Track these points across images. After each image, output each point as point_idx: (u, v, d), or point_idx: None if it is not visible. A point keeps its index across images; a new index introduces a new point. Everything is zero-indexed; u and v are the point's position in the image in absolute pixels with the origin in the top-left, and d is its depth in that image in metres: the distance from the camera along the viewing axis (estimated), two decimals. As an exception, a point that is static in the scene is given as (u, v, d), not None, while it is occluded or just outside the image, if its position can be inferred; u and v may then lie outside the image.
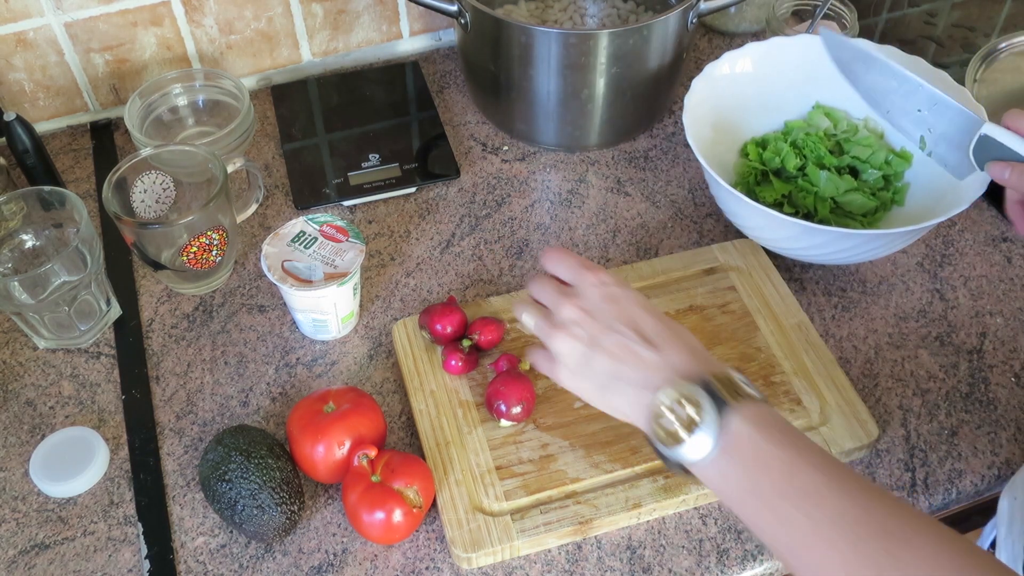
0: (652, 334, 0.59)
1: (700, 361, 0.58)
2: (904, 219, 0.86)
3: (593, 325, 0.60)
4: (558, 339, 0.61)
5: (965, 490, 0.73)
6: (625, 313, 0.60)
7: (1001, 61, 1.03)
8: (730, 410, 0.53)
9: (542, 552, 0.69)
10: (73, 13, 0.94)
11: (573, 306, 0.62)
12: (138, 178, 0.83)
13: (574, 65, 0.89)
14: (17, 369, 0.81)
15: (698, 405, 0.54)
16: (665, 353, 0.58)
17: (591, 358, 0.60)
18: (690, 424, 0.54)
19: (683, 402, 0.54)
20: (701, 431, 0.53)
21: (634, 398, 0.58)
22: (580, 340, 0.60)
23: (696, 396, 0.54)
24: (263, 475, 0.67)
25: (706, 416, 0.53)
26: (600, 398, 0.61)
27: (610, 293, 0.62)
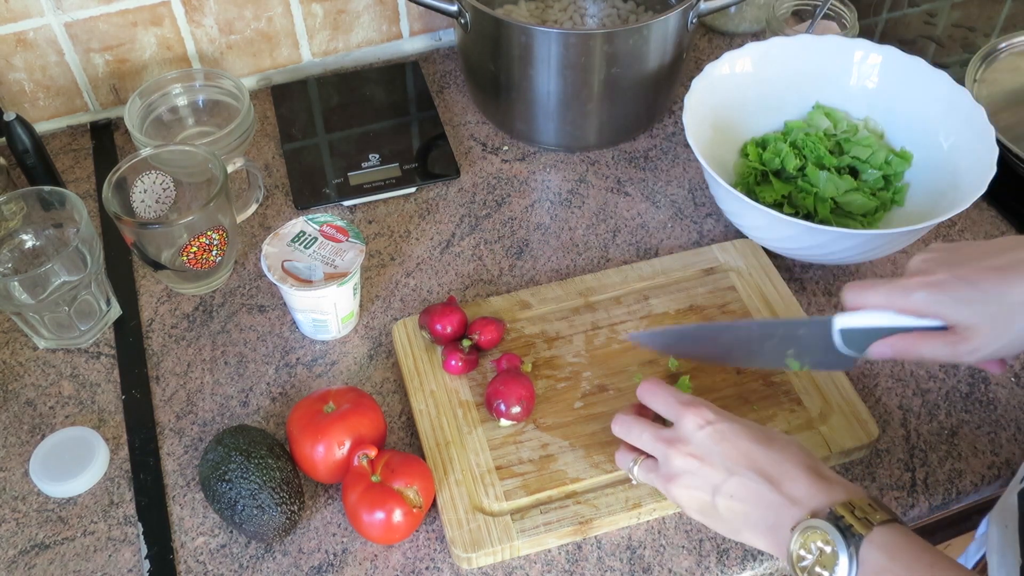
0: (771, 469, 0.59)
1: (824, 488, 0.57)
2: (904, 219, 0.86)
3: (711, 473, 0.60)
4: (677, 489, 0.61)
5: (965, 490, 0.73)
6: (738, 451, 0.60)
7: (1001, 61, 1.03)
8: (863, 541, 0.53)
9: (542, 552, 0.69)
10: (73, 13, 0.94)
11: (684, 455, 0.61)
12: (138, 178, 0.83)
13: (574, 65, 0.89)
14: (17, 369, 0.81)
15: (831, 543, 0.54)
16: (788, 488, 0.58)
17: (716, 505, 0.60)
18: (827, 560, 0.54)
19: (817, 543, 0.55)
20: (837, 568, 0.53)
21: (770, 540, 0.58)
22: (700, 490, 0.60)
23: (828, 535, 0.54)
24: (263, 475, 0.67)
25: (840, 555, 0.53)
26: (735, 536, 0.61)
27: (718, 432, 0.61)
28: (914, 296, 0.60)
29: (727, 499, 0.59)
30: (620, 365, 0.77)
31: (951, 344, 0.60)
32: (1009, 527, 0.63)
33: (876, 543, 0.53)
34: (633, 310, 0.81)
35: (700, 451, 0.61)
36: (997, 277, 0.58)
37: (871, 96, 0.91)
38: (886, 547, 0.53)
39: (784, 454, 0.59)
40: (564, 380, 0.77)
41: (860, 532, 0.54)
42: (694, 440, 0.61)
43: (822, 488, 0.57)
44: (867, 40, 0.90)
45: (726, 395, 0.75)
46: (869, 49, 0.90)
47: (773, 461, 0.59)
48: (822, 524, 0.55)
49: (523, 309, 0.82)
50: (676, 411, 0.63)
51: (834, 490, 0.57)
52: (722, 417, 0.62)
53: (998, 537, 0.64)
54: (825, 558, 0.54)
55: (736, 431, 0.61)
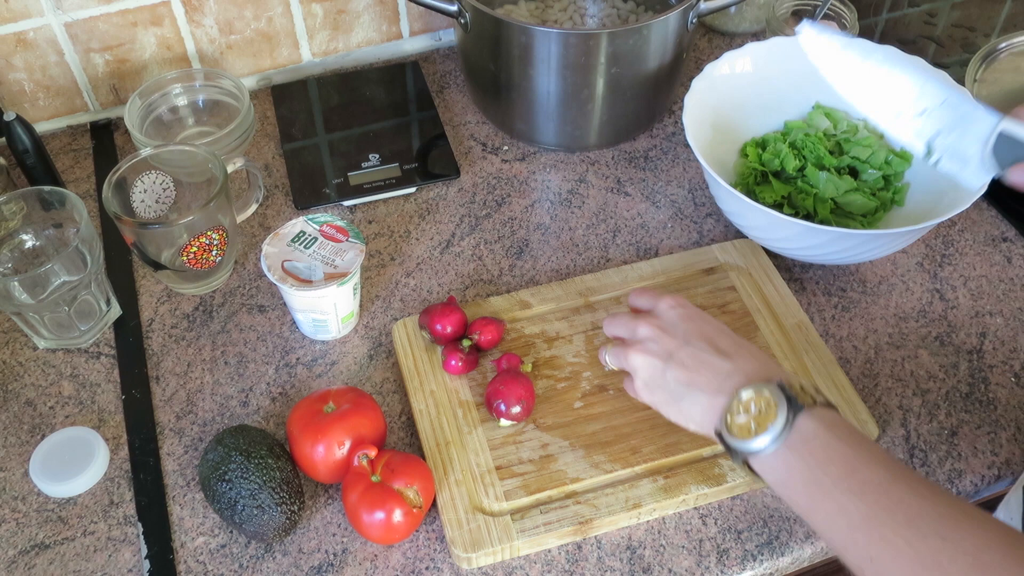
0: (726, 347, 0.62)
1: (773, 369, 0.61)
2: (904, 219, 0.86)
3: (668, 340, 0.64)
4: (634, 354, 0.65)
5: (965, 490, 0.73)
6: (699, 329, 0.64)
7: (1001, 61, 1.03)
8: (802, 410, 0.56)
9: (542, 552, 0.69)
10: (73, 13, 0.94)
11: (649, 324, 0.66)
12: (138, 178, 0.83)
13: (574, 65, 0.89)
14: (17, 369, 0.81)
15: (772, 402, 0.57)
16: (738, 362, 0.61)
17: (665, 370, 0.63)
18: (763, 419, 0.56)
19: (758, 399, 0.57)
20: (773, 426, 0.56)
21: (707, 403, 0.60)
22: (655, 355, 0.64)
23: (771, 394, 0.57)
24: (263, 475, 0.67)
25: (779, 412, 0.56)
26: (674, 408, 0.63)
27: (686, 313, 0.66)
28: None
29: (677, 366, 0.62)
30: (620, 365, 0.77)
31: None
32: (1014, 520, 0.63)
33: (814, 415, 0.56)
34: (633, 310, 0.81)
35: (665, 323, 0.65)
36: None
37: (871, 96, 0.91)
38: (822, 420, 0.55)
39: (743, 343, 0.63)
40: (564, 380, 0.77)
41: (803, 402, 0.56)
42: (664, 316, 0.66)
43: (774, 369, 0.61)
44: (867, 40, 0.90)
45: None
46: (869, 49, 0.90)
47: (731, 343, 0.63)
48: (767, 386, 0.57)
49: (523, 309, 0.82)
50: (655, 299, 0.68)
51: (786, 373, 0.60)
52: (695, 309, 0.67)
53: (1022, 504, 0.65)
54: (761, 417, 0.56)
55: (704, 317, 0.66)
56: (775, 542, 0.69)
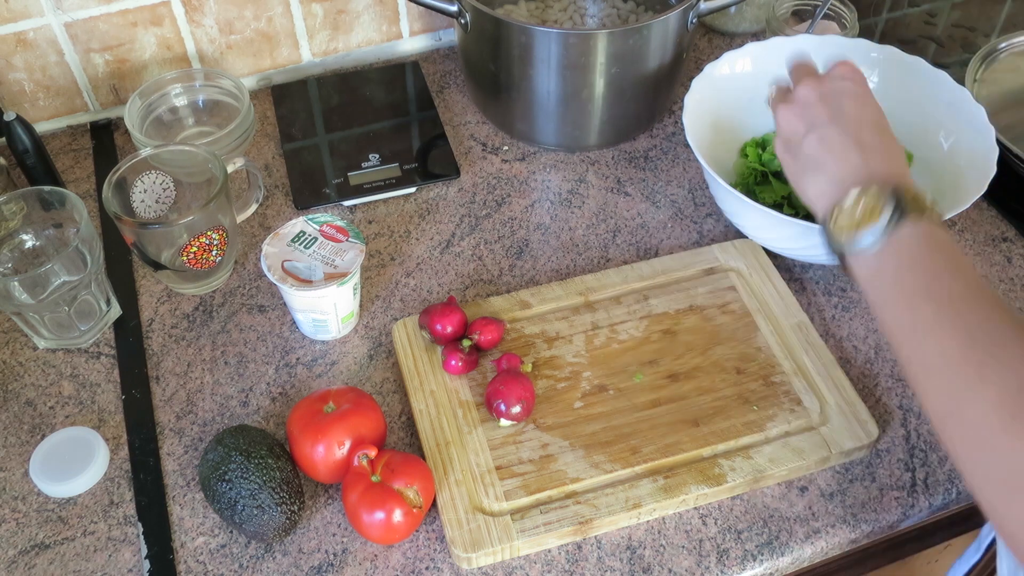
0: (868, 140, 0.62)
1: (899, 174, 0.61)
2: (904, 219, 0.86)
3: (820, 110, 0.64)
4: (783, 112, 0.66)
5: (965, 490, 0.72)
6: (855, 111, 0.64)
7: (1001, 61, 1.03)
8: (907, 220, 0.57)
9: (542, 552, 0.69)
10: (73, 13, 0.94)
11: (811, 88, 0.65)
12: (138, 178, 0.83)
13: (574, 65, 0.89)
14: (17, 369, 0.81)
15: (879, 206, 0.58)
16: (870, 160, 0.61)
17: (804, 140, 0.64)
18: (868, 218, 0.58)
19: (869, 199, 0.58)
20: (873, 227, 0.57)
21: (825, 188, 0.62)
22: (802, 120, 0.65)
23: (882, 201, 0.58)
24: (263, 475, 0.67)
25: (884, 217, 0.57)
26: (797, 177, 0.65)
27: (851, 90, 0.65)
28: None
29: (816, 142, 0.63)
30: (620, 365, 0.77)
31: None
32: None
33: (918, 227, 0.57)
34: (633, 310, 0.81)
35: (828, 92, 0.65)
36: None
37: (871, 96, 0.91)
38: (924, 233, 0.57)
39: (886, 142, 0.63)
40: (564, 380, 0.77)
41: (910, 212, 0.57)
42: (832, 82, 0.66)
43: (901, 173, 0.61)
44: (867, 40, 0.90)
45: (726, 395, 0.75)
46: (869, 49, 0.90)
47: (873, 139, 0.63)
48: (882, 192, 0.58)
49: (523, 309, 0.82)
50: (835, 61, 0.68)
51: (909, 179, 0.61)
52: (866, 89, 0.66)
53: None
54: (866, 216, 0.58)
55: (868, 102, 0.65)
56: (775, 542, 0.69)
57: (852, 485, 0.72)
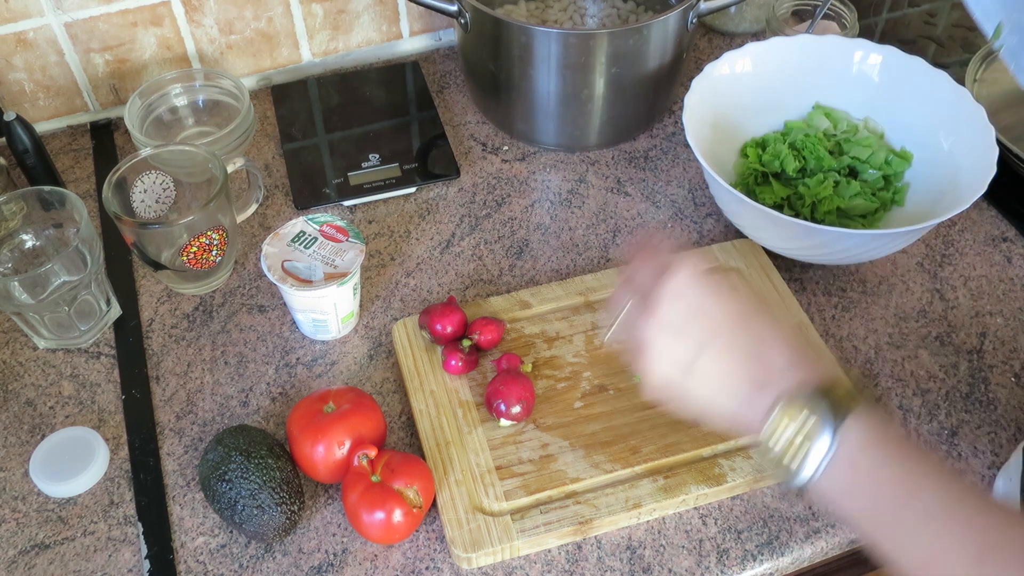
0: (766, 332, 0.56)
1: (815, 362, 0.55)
2: (904, 219, 0.86)
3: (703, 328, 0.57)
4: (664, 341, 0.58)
5: (965, 490, 0.73)
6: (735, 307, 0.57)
7: (1001, 61, 1.03)
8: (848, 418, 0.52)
9: (542, 552, 0.69)
10: (73, 13, 0.94)
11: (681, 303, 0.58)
12: (138, 178, 0.83)
13: (574, 65, 0.89)
14: (17, 369, 0.81)
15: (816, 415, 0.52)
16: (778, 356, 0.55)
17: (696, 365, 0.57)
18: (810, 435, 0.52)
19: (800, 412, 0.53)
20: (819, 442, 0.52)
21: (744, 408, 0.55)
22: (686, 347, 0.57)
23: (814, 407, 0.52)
24: (263, 475, 0.67)
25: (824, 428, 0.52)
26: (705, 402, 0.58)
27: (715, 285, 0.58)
28: None
29: (713, 358, 0.56)
30: (620, 365, 0.77)
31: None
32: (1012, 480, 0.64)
33: (861, 423, 0.52)
34: (633, 310, 0.81)
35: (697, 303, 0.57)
36: None
37: (871, 96, 0.91)
38: (869, 428, 0.52)
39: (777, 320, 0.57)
40: (564, 380, 0.77)
41: (845, 409, 0.52)
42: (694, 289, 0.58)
43: (813, 362, 0.55)
44: (867, 40, 0.90)
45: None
46: (869, 49, 0.90)
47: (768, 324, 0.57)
48: (808, 397, 0.53)
49: (523, 309, 0.82)
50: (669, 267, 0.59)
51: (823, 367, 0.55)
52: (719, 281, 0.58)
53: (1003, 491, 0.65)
54: (809, 429, 0.52)
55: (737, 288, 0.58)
56: (775, 542, 0.69)
57: (852, 485, 0.72)
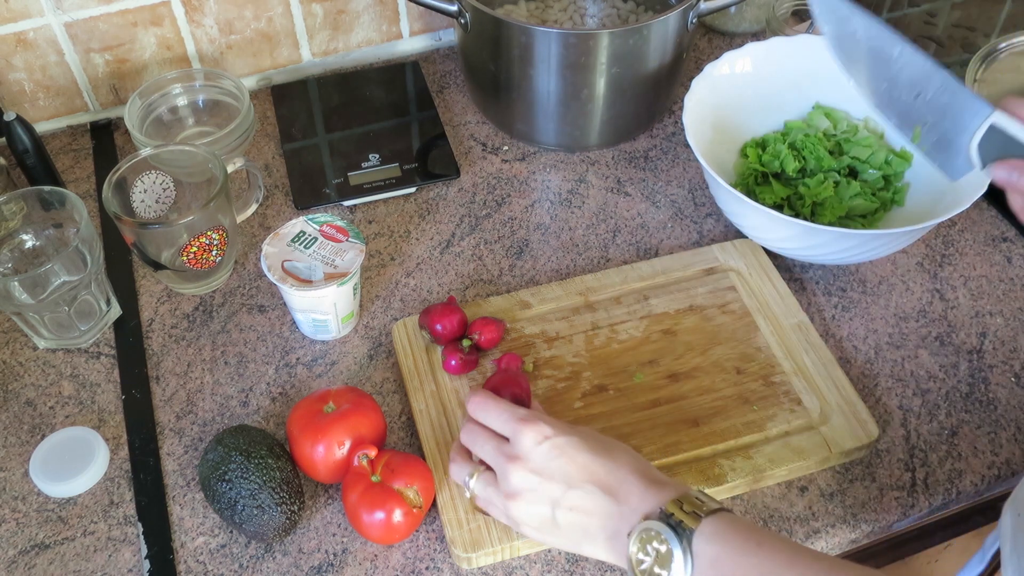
0: (608, 479, 0.60)
1: (655, 491, 0.58)
2: (904, 219, 0.86)
3: (550, 488, 0.60)
4: (518, 507, 0.62)
5: (965, 490, 0.73)
6: (576, 464, 0.60)
7: (1001, 61, 1.03)
8: (695, 534, 0.55)
9: (542, 552, 0.69)
10: (73, 13, 0.94)
11: (524, 470, 0.61)
12: (138, 178, 0.83)
13: (574, 65, 0.89)
14: (17, 369, 0.81)
15: (665, 541, 0.55)
16: (624, 496, 0.59)
17: (556, 519, 0.61)
18: (664, 562, 0.55)
19: (652, 544, 0.56)
20: (674, 565, 0.55)
21: (610, 549, 0.59)
22: (541, 504, 0.61)
23: (662, 534, 0.56)
24: (263, 475, 0.67)
25: (674, 552, 0.55)
26: (576, 550, 0.62)
27: (556, 446, 0.61)
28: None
29: (567, 512, 0.60)
30: (620, 365, 0.77)
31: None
32: (1022, 515, 0.63)
33: (707, 534, 0.55)
34: (633, 310, 0.81)
35: (539, 466, 0.61)
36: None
37: (871, 96, 0.91)
38: (716, 536, 0.55)
39: (619, 462, 0.60)
40: (564, 380, 0.77)
41: (690, 526, 0.55)
42: (533, 456, 0.61)
43: (653, 491, 0.58)
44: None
45: (726, 395, 0.75)
46: (869, 49, 0.90)
47: (609, 471, 0.60)
48: (655, 524, 0.56)
49: (523, 309, 0.82)
50: (512, 427, 0.63)
51: (664, 491, 0.58)
52: (558, 430, 0.62)
53: (1011, 526, 0.64)
54: (662, 557, 0.55)
55: (573, 443, 0.61)
56: (775, 542, 0.69)
57: (852, 485, 0.72)
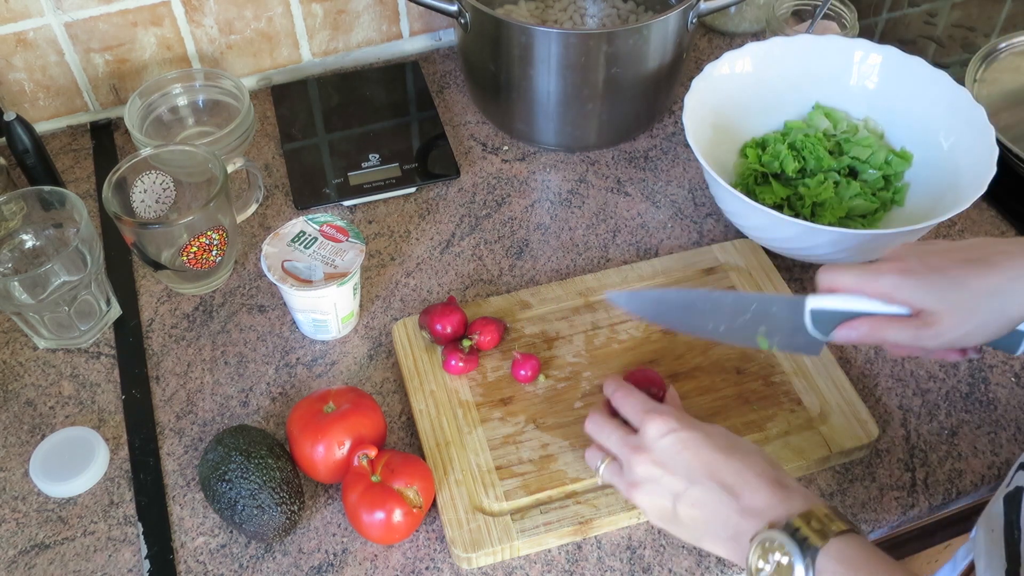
0: (731, 478, 0.59)
1: (783, 498, 0.57)
2: (904, 219, 0.86)
3: (672, 481, 0.61)
4: (640, 496, 0.62)
5: (965, 490, 0.73)
6: (700, 460, 0.61)
7: (1001, 61, 1.03)
8: (819, 553, 0.54)
9: (542, 552, 0.69)
10: (73, 13, 0.94)
11: (647, 462, 0.62)
12: (138, 178, 0.83)
13: (574, 65, 0.89)
14: (17, 369, 0.81)
15: (788, 554, 0.54)
16: (748, 499, 0.58)
17: (677, 512, 0.61)
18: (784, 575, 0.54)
19: (774, 554, 0.55)
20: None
21: (730, 549, 0.59)
22: (662, 497, 0.61)
23: (785, 546, 0.54)
24: (263, 475, 0.67)
25: (796, 566, 0.54)
26: (696, 543, 0.62)
27: (680, 440, 0.61)
28: (883, 279, 0.62)
29: (688, 507, 0.60)
30: (620, 365, 0.77)
31: (915, 328, 0.61)
32: (995, 531, 0.63)
33: (832, 554, 0.54)
34: (633, 310, 0.81)
35: (662, 458, 0.61)
36: (965, 266, 0.60)
37: (871, 96, 0.91)
38: (842, 558, 0.54)
39: (745, 462, 0.60)
40: (564, 380, 0.77)
41: (816, 544, 0.54)
42: (657, 447, 0.62)
43: (781, 499, 0.57)
44: (867, 40, 0.90)
45: (726, 395, 0.75)
46: (869, 49, 0.90)
47: (734, 471, 0.60)
48: (779, 536, 0.55)
49: (523, 309, 0.82)
50: (640, 418, 0.64)
51: (792, 501, 0.57)
52: (685, 425, 0.62)
53: (985, 541, 0.64)
54: (782, 569, 0.54)
55: (698, 440, 0.61)
56: (775, 542, 0.69)
57: (852, 485, 0.72)
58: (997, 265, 0.60)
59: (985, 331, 0.61)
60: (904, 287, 0.61)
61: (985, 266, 0.60)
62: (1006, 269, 0.59)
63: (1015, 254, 0.60)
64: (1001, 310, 0.59)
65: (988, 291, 0.59)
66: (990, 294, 0.59)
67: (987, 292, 0.59)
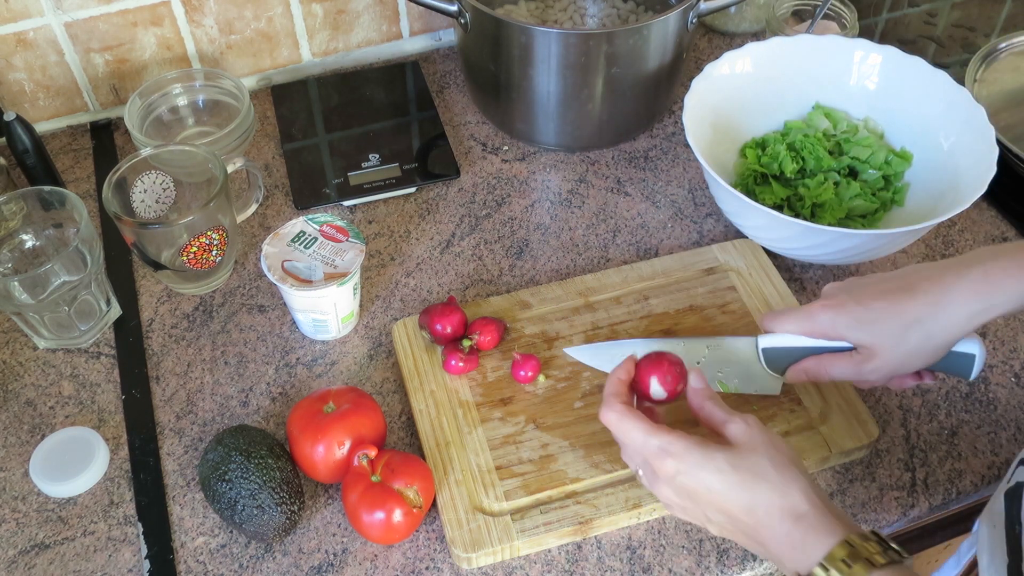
0: (744, 518, 0.57)
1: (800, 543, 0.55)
2: (904, 219, 0.86)
3: (694, 510, 0.60)
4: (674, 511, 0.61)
5: (965, 490, 0.73)
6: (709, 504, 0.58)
7: (1001, 61, 1.03)
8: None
9: (542, 552, 0.69)
10: (73, 13, 0.94)
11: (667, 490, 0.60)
12: (138, 178, 0.83)
13: (574, 65, 0.89)
14: (17, 369, 0.81)
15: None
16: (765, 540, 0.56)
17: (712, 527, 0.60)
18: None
19: None
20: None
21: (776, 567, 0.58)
22: (692, 517, 0.60)
23: None
24: (263, 475, 0.67)
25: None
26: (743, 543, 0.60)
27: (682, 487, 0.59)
28: (817, 319, 0.65)
29: (720, 529, 0.59)
30: (620, 365, 0.77)
31: (856, 363, 0.65)
32: (997, 527, 0.63)
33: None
34: (633, 310, 0.81)
35: (680, 494, 0.59)
36: (887, 297, 0.63)
37: (871, 96, 0.91)
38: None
39: (757, 499, 0.56)
40: (564, 380, 0.77)
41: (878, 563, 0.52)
42: (672, 485, 0.59)
43: (798, 544, 0.55)
44: (867, 40, 0.90)
45: (726, 395, 0.75)
46: (869, 49, 0.90)
47: (746, 510, 0.57)
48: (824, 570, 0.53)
49: (523, 309, 0.82)
50: (641, 463, 0.61)
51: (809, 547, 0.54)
52: (689, 463, 0.58)
53: (987, 537, 0.65)
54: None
55: (703, 481, 0.58)
56: (775, 542, 0.69)
57: (852, 485, 0.72)
58: (918, 292, 0.62)
59: (918, 358, 0.63)
60: (837, 324, 0.64)
61: (907, 295, 0.62)
62: (927, 295, 0.62)
63: (936, 279, 0.62)
64: (927, 336, 0.62)
65: (911, 320, 0.62)
66: (914, 321, 0.62)
67: (911, 320, 0.62)
